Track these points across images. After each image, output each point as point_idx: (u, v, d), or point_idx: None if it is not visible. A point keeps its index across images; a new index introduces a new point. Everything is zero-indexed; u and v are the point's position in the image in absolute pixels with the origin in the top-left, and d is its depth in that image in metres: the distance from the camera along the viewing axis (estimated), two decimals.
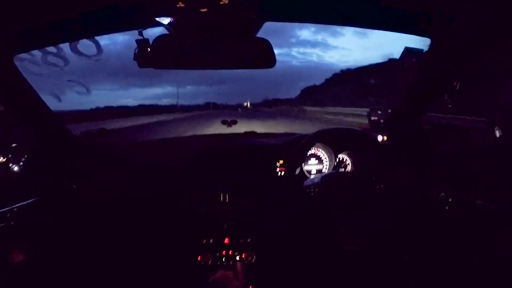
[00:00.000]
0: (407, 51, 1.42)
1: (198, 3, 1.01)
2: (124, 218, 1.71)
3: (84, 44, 1.31)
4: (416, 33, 1.33)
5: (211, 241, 1.62)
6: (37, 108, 1.53)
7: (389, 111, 1.87)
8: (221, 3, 1.02)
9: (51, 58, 1.31)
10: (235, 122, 2.33)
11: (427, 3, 1.00)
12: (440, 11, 1.03)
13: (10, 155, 1.57)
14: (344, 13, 1.28)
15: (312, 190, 1.46)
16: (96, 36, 1.32)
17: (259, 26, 1.28)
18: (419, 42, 1.40)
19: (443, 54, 1.35)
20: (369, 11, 1.24)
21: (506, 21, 1.00)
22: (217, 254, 1.61)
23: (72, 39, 1.30)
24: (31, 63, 1.31)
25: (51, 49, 1.30)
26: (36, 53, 1.31)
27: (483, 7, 0.97)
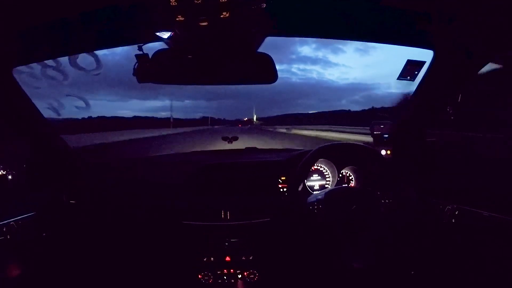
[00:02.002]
0: (409, 63, 1.41)
1: (198, 16, 1.00)
2: (123, 235, 1.67)
3: (84, 58, 1.31)
4: (419, 45, 1.33)
5: (212, 259, 1.58)
6: (36, 122, 1.51)
7: (392, 125, 1.86)
8: (221, 16, 1.01)
9: (50, 72, 1.31)
10: (236, 139, 2.31)
11: (427, 3, 1.00)
12: (440, 11, 1.02)
13: (8, 169, 1.56)
14: (347, 27, 1.28)
15: (315, 207, 1.42)
16: (96, 50, 1.32)
17: (261, 40, 1.27)
18: (421, 57, 1.39)
19: (446, 66, 1.35)
20: (371, 24, 1.24)
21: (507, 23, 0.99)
22: (218, 272, 1.57)
23: (72, 53, 1.30)
24: (30, 76, 1.31)
25: (50, 62, 1.30)
26: (35, 66, 1.31)
27: (483, 7, 0.96)
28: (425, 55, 1.37)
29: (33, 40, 1.15)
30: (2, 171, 1.54)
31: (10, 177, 1.55)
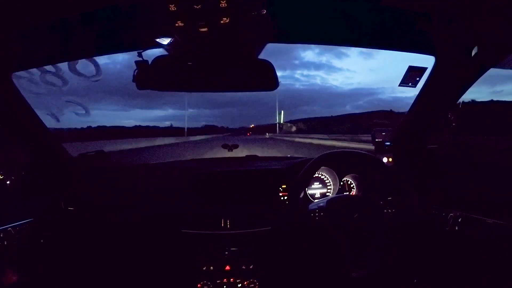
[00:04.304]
0: (411, 69, 1.40)
1: (197, 22, 1.00)
2: (121, 243, 1.66)
3: (83, 65, 1.31)
4: (420, 51, 1.32)
5: (211, 268, 1.56)
6: (35, 127, 1.51)
7: (394, 132, 1.85)
8: (221, 22, 1.01)
9: (50, 78, 1.30)
10: (236, 147, 2.31)
11: (428, 4, 0.99)
12: (441, 13, 1.02)
13: (6, 174, 1.55)
14: (348, 33, 1.28)
15: (317, 214, 1.41)
16: (96, 56, 1.32)
17: (261, 47, 1.27)
18: (425, 62, 1.39)
19: (447, 72, 1.34)
20: (373, 30, 1.24)
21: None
22: (218, 281, 1.55)
23: (71, 58, 1.30)
24: (29, 82, 1.31)
25: (50, 68, 1.30)
26: (35, 71, 1.30)
27: (484, 9, 0.96)
28: (428, 61, 1.37)
29: (31, 44, 1.14)
30: (0, 176, 1.53)
31: (8, 182, 1.54)
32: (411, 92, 1.48)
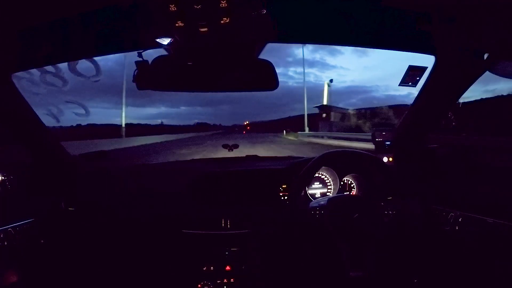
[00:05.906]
0: (411, 69, 1.40)
1: (197, 22, 1.00)
2: (122, 243, 1.66)
3: (83, 65, 1.31)
4: (420, 51, 1.32)
5: (212, 268, 1.56)
6: (35, 127, 1.51)
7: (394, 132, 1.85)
8: (221, 22, 1.01)
9: (49, 78, 1.30)
10: (236, 147, 2.30)
11: (428, 3, 0.99)
12: (441, 13, 1.01)
13: (7, 174, 1.55)
14: (350, 32, 1.27)
15: (318, 212, 1.40)
16: (96, 56, 1.31)
17: (261, 47, 1.27)
18: (421, 60, 1.38)
19: (448, 72, 1.34)
20: (373, 29, 1.23)
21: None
22: (218, 281, 1.56)
23: (71, 58, 1.30)
24: (29, 82, 1.31)
25: (50, 68, 1.30)
26: (34, 72, 1.30)
27: (484, 9, 0.95)
28: (423, 59, 1.37)
29: (32, 44, 1.14)
30: (1, 176, 1.53)
31: (8, 183, 1.54)
32: (405, 91, 1.48)
